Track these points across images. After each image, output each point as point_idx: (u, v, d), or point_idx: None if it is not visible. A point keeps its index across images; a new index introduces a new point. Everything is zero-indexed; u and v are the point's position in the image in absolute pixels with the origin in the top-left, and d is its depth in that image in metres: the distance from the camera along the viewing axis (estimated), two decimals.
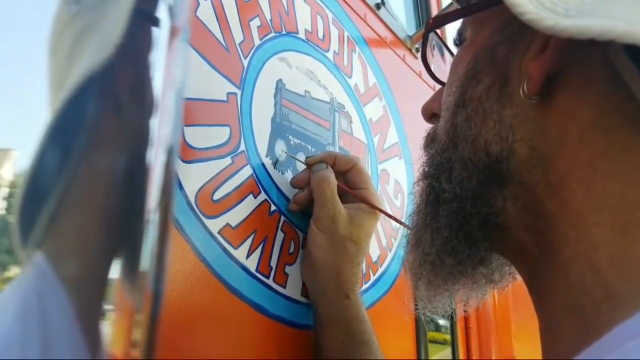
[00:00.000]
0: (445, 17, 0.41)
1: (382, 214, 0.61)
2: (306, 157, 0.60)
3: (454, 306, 0.45)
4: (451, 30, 0.47)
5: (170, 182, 0.22)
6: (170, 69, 0.22)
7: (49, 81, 0.19)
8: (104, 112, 0.20)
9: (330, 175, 0.57)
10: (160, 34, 0.22)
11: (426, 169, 0.41)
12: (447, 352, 0.94)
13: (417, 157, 0.43)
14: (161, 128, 0.21)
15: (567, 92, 0.32)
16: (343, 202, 0.57)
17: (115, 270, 0.20)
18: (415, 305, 0.46)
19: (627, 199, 0.29)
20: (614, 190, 0.29)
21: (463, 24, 0.42)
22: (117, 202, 0.20)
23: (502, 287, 0.42)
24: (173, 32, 0.23)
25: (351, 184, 0.60)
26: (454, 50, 0.43)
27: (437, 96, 0.44)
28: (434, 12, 1.18)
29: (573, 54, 0.31)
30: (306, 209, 0.59)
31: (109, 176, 0.20)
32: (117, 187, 0.20)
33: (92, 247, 0.19)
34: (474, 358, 0.97)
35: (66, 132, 0.19)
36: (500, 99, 0.34)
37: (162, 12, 0.23)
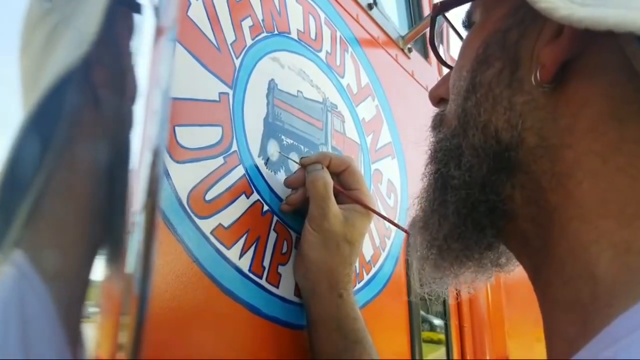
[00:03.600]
0: (454, 0, 0.40)
1: (376, 215, 0.61)
2: (301, 158, 0.59)
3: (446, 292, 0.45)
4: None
5: (157, 183, 0.22)
6: (157, 69, 0.22)
7: (20, 80, 0.19)
8: (82, 107, 0.20)
9: (327, 176, 0.57)
10: (144, 30, 0.22)
11: (434, 152, 0.40)
12: (441, 351, 0.94)
13: (410, 158, 0.43)
14: (147, 129, 0.21)
15: (580, 80, 0.31)
16: (337, 202, 0.57)
17: (99, 271, 0.20)
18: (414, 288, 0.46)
19: (636, 190, 0.28)
20: (623, 182, 0.29)
21: (472, 6, 0.40)
22: (99, 198, 0.20)
23: (508, 270, 0.41)
24: (159, 32, 0.22)
25: (345, 185, 0.60)
26: (463, 33, 0.42)
27: (444, 80, 0.43)
28: (426, 12, 1.18)
29: (588, 41, 0.30)
30: (299, 209, 0.59)
31: (89, 171, 0.20)
32: (99, 182, 0.20)
33: (74, 244, 0.19)
34: (468, 357, 0.97)
35: (43, 128, 0.18)
36: (510, 85, 0.34)
37: (145, 2, 0.22)
